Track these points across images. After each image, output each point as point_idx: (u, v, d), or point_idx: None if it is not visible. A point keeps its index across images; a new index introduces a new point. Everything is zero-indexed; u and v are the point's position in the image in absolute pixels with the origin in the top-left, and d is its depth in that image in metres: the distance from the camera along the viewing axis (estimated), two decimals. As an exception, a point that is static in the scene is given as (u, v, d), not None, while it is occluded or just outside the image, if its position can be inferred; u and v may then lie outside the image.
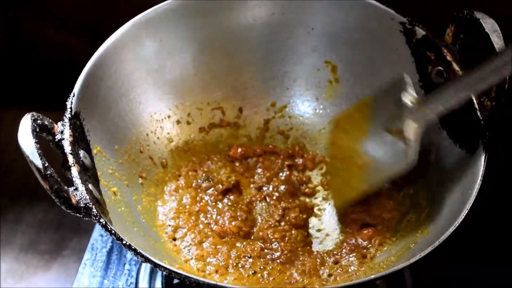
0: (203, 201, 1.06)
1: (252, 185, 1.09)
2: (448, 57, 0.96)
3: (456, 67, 0.95)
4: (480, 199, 0.83)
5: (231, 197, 1.06)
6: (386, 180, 1.00)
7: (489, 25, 0.90)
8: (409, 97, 0.94)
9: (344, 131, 1.06)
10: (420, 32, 0.99)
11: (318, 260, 0.97)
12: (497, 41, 0.88)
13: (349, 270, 0.96)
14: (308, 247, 1.01)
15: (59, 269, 1.20)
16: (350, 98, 1.11)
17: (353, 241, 1.00)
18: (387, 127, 0.97)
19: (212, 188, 1.07)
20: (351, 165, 1.03)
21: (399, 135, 0.95)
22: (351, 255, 0.98)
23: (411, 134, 0.93)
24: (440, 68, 0.98)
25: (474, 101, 0.91)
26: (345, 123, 1.07)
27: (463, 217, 0.81)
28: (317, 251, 1.00)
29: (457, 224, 0.80)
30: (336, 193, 1.06)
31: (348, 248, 0.99)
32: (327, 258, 0.98)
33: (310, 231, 1.04)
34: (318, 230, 1.04)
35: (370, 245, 0.99)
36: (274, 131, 1.15)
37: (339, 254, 0.99)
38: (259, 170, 1.11)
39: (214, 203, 1.05)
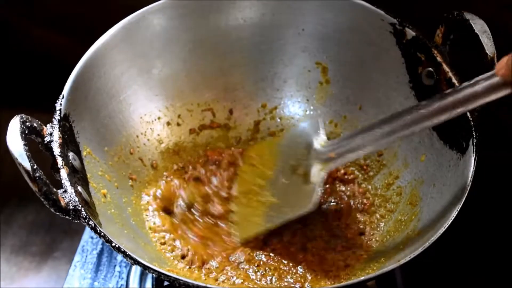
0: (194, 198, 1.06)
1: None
2: (438, 58, 0.96)
3: (446, 68, 0.95)
4: (470, 200, 0.83)
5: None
6: (286, 220, 0.99)
7: (479, 26, 0.90)
8: (319, 140, 0.97)
9: (252, 166, 1.07)
10: (410, 33, 1.00)
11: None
12: (487, 42, 0.88)
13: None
14: None
15: (50, 271, 1.20)
16: (340, 99, 1.12)
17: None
18: (293, 167, 0.99)
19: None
20: (254, 201, 1.03)
21: (304, 177, 0.97)
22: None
23: (315, 177, 0.95)
24: (430, 69, 0.98)
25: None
26: (254, 158, 1.08)
27: (453, 218, 0.81)
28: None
29: (448, 225, 0.80)
30: (240, 226, 1.03)
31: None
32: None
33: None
34: None
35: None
36: (264, 132, 1.15)
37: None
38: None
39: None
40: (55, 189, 0.79)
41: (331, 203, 1.07)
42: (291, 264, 0.97)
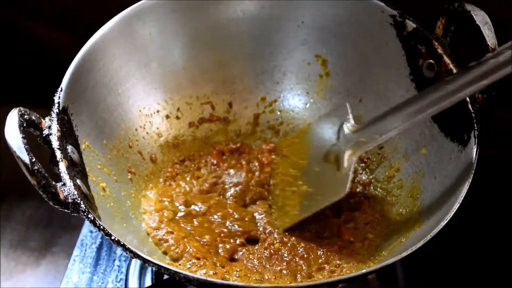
0: (192, 195, 1.06)
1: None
2: (439, 50, 0.96)
3: (447, 60, 0.95)
4: (471, 193, 0.83)
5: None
6: (320, 208, 0.99)
7: (480, 17, 0.90)
8: (348, 125, 0.97)
9: (283, 157, 1.08)
10: (411, 25, 0.99)
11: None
12: (488, 33, 0.88)
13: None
14: None
15: (48, 266, 1.20)
16: (340, 92, 1.11)
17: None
18: (325, 155, 0.99)
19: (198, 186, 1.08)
20: (289, 191, 1.04)
21: (336, 164, 0.97)
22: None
23: (347, 163, 0.95)
24: (431, 61, 0.97)
25: (466, 94, 0.91)
26: (284, 150, 1.08)
27: (455, 211, 0.81)
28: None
29: (449, 218, 0.80)
30: (278, 217, 1.04)
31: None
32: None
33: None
34: None
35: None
36: (264, 125, 1.15)
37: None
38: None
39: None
40: (54, 182, 0.78)
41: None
42: (291, 258, 0.97)
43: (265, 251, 0.98)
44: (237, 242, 0.99)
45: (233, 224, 1.01)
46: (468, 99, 0.90)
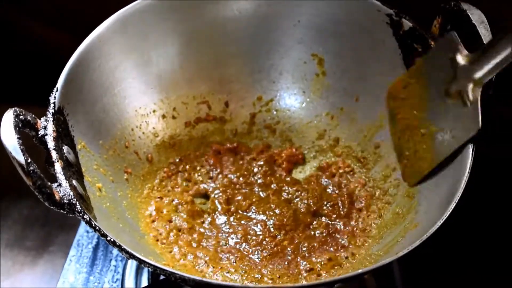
0: (189, 196, 1.07)
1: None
2: (435, 49, 0.96)
3: (443, 58, 0.94)
4: (468, 192, 0.83)
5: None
6: (455, 147, 0.92)
7: (476, 16, 0.89)
8: (462, 55, 0.91)
9: (401, 100, 1.03)
10: (407, 24, 0.99)
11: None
12: (484, 32, 0.88)
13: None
14: None
15: (45, 265, 1.20)
16: (337, 90, 1.11)
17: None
18: (445, 90, 0.94)
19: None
20: (414, 135, 1.00)
21: (459, 97, 0.92)
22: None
23: (471, 94, 0.90)
24: (427, 60, 0.97)
25: (463, 93, 0.91)
26: (400, 92, 1.03)
27: (451, 210, 0.81)
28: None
29: (446, 217, 0.80)
30: (405, 167, 1.01)
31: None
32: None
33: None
34: None
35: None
36: (260, 125, 1.15)
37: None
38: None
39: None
40: (49, 183, 0.78)
41: (329, 196, 1.06)
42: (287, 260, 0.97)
43: (264, 250, 0.98)
44: (237, 247, 1.00)
45: (231, 235, 1.02)
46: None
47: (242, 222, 1.03)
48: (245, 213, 1.05)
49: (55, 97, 0.88)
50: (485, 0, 0.94)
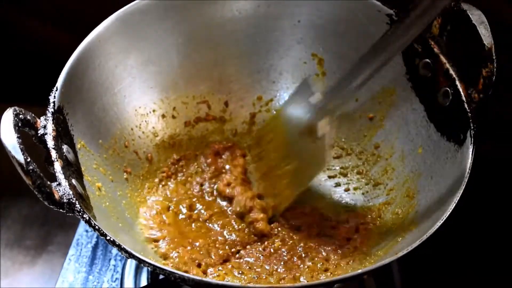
0: (188, 195, 1.07)
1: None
2: (436, 49, 0.96)
3: (443, 59, 0.94)
4: (468, 192, 0.83)
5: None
6: (309, 180, 1.02)
7: (476, 16, 0.89)
8: (315, 97, 0.97)
9: (266, 142, 1.08)
10: (407, 24, 0.99)
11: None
12: (484, 32, 0.88)
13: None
14: None
15: (44, 265, 1.20)
16: (337, 91, 1.11)
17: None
18: (300, 131, 0.99)
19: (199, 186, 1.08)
20: (276, 176, 1.04)
21: (312, 135, 0.97)
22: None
23: (320, 132, 0.96)
24: (427, 60, 0.97)
25: (462, 93, 0.91)
26: (267, 135, 1.08)
27: (451, 210, 0.80)
28: None
29: (445, 217, 0.80)
30: (273, 200, 1.04)
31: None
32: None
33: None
34: None
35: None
36: (260, 125, 1.15)
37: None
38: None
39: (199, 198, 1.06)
40: (49, 182, 0.78)
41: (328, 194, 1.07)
42: (289, 257, 0.97)
43: (264, 250, 0.98)
44: (232, 250, 0.99)
45: (231, 234, 1.02)
46: (464, 99, 0.90)
47: (242, 223, 1.03)
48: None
49: (54, 97, 0.88)
50: (485, 0, 0.94)
